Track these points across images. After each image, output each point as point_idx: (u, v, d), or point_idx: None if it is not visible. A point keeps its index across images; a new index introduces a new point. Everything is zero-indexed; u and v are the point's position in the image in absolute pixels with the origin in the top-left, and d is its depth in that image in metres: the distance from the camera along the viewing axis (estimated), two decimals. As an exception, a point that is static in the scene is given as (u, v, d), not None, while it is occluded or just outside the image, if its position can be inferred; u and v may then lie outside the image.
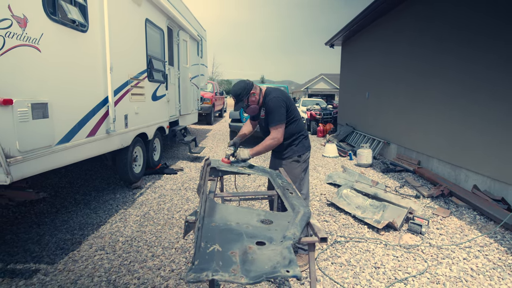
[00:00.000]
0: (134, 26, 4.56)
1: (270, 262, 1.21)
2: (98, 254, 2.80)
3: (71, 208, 3.85)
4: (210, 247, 1.29)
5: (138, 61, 4.74)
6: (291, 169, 2.74)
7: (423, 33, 5.97)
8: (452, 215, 3.88)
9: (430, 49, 5.70)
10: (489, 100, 4.30)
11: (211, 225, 1.54)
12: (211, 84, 14.50)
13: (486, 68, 4.32)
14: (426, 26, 5.88)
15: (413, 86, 6.29)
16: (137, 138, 4.77)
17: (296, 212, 1.72)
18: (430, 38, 5.72)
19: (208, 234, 1.42)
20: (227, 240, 1.38)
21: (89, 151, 3.47)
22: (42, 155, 2.68)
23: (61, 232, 3.20)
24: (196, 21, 8.76)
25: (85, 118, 3.35)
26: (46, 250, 2.84)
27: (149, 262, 2.69)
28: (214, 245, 1.31)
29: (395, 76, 7.12)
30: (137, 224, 3.46)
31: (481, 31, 4.39)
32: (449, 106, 5.14)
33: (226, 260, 1.22)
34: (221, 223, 1.58)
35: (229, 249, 1.31)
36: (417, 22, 6.20)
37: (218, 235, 1.43)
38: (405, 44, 6.66)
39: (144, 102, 4.97)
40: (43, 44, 2.67)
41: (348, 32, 9.73)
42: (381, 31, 8.01)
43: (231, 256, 1.26)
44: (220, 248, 1.30)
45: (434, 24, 5.60)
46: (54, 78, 2.85)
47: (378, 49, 8.25)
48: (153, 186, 4.81)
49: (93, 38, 3.46)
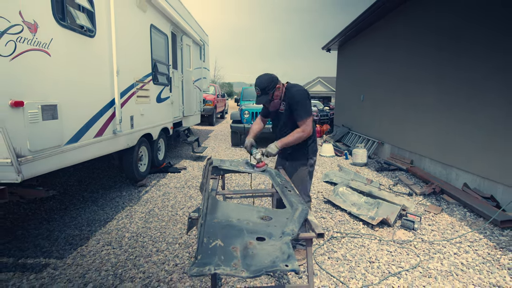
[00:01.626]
0: (139, 31, 4.56)
1: (269, 257, 1.22)
2: (105, 249, 2.80)
3: (79, 205, 3.85)
4: (213, 243, 1.30)
5: (144, 64, 4.73)
6: (298, 171, 2.61)
7: (416, 39, 5.97)
8: (443, 212, 3.88)
9: (423, 56, 5.70)
10: (479, 106, 4.30)
11: (213, 221, 1.54)
12: (213, 87, 14.49)
13: (482, 77, 4.30)
14: (419, 30, 5.88)
15: (407, 92, 6.29)
16: (143, 138, 4.77)
17: (294, 209, 1.73)
18: (424, 45, 5.72)
19: (210, 230, 1.42)
20: (228, 236, 1.38)
21: (97, 150, 3.47)
22: (51, 155, 2.68)
23: (69, 228, 3.21)
24: (198, 26, 8.76)
25: (93, 119, 3.35)
26: (55, 245, 2.84)
27: (153, 256, 2.69)
28: (216, 241, 1.31)
29: (389, 81, 7.12)
30: (143, 220, 3.46)
31: (478, 41, 4.38)
32: (444, 113, 5.13)
33: (228, 255, 1.22)
34: (223, 219, 1.58)
35: (231, 244, 1.31)
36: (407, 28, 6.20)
37: (220, 231, 1.43)
38: (401, 51, 6.66)
39: (149, 104, 4.97)
40: (53, 49, 2.67)
41: (344, 37, 9.73)
42: (377, 36, 8.01)
43: (232, 251, 1.26)
44: (222, 243, 1.30)
45: (429, 29, 5.60)
46: (63, 81, 2.85)
47: (373, 54, 8.24)
48: (158, 184, 4.81)
49: (100, 42, 3.46)
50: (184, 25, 6.62)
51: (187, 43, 7.09)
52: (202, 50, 9.12)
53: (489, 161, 4.10)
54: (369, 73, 8.38)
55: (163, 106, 5.67)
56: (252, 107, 8.48)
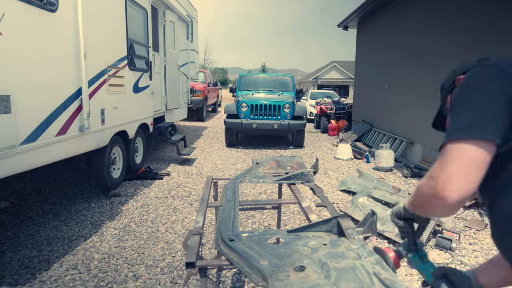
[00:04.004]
0: (112, 5, 4.56)
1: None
2: (70, 273, 2.80)
3: (38, 220, 3.84)
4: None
5: (117, 46, 4.74)
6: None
7: (455, 10, 5.97)
8: (488, 228, 3.89)
9: (462, 30, 5.70)
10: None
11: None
12: (203, 73, 14.52)
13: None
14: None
15: (442, 75, 6.30)
16: (116, 137, 4.77)
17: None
18: (464, 16, 5.72)
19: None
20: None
21: (59, 152, 3.47)
22: (3, 157, 2.67)
23: (26, 248, 3.20)
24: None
25: (54, 113, 3.35)
26: (8, 269, 2.84)
27: (130, 283, 2.69)
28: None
29: (420, 63, 7.12)
30: (116, 238, 3.46)
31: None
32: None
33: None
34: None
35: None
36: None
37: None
38: (428, 26, 6.66)
39: (124, 94, 4.97)
40: (5, 26, 2.66)
41: (364, 12, 9.74)
42: (410, 6, 8.01)
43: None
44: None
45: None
46: (17, 66, 2.84)
47: (400, 31, 8.25)
48: (135, 194, 4.81)
49: (63, 18, 3.46)
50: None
51: (171, 20, 7.09)
52: (190, 28, 9.13)
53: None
54: (397, 54, 8.38)
55: (142, 97, 5.67)
56: (251, 99, 8.49)
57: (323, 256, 1.18)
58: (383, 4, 8.92)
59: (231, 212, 1.69)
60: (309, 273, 1.10)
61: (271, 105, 8.30)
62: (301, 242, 1.35)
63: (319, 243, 1.32)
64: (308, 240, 1.37)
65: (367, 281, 1.01)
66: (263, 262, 1.17)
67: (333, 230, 1.46)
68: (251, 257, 1.21)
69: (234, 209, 1.76)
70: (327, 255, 1.20)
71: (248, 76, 10.76)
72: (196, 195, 4.79)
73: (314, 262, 1.17)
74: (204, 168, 6.34)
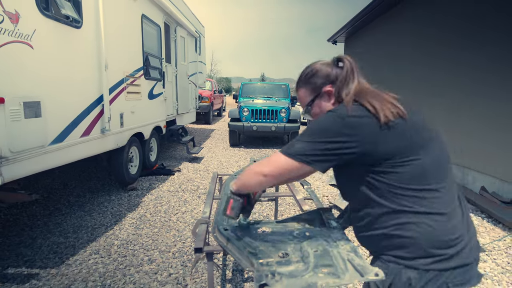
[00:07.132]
0: (129, 22, 4.56)
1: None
2: (93, 258, 2.80)
3: (65, 211, 3.85)
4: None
5: (134, 58, 4.74)
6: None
7: (438, 28, 5.97)
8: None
9: (436, 54, 5.70)
10: (502, 103, 4.30)
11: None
12: (209, 82, 14.48)
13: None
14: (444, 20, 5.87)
15: (417, 92, 6.29)
16: (133, 138, 4.77)
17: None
18: (444, 34, 5.71)
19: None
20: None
21: (83, 151, 3.47)
22: (34, 156, 2.68)
23: (54, 235, 3.21)
24: (194, 17, 8.76)
25: (79, 117, 3.35)
26: (38, 254, 2.84)
27: (145, 266, 2.69)
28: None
29: (402, 74, 7.11)
30: (133, 227, 3.46)
31: None
32: (455, 112, 5.13)
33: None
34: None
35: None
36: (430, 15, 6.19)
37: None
38: (416, 39, 6.66)
39: (140, 101, 4.97)
40: (36, 41, 2.67)
41: (352, 28, 9.72)
42: (388, 25, 8.00)
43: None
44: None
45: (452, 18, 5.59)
46: (47, 75, 2.85)
47: (385, 47, 8.24)
48: (150, 188, 4.81)
49: (87, 34, 3.46)
50: (178, 15, 6.62)
51: (181, 35, 7.09)
52: (198, 42, 9.12)
53: (510, 162, 4.09)
54: (381, 68, 8.37)
55: (156, 103, 5.67)
56: (251, 104, 8.48)
57: (305, 244, 1.19)
58: (370, 20, 8.89)
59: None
60: (291, 259, 1.11)
61: (269, 110, 8.31)
62: (287, 231, 1.36)
63: (303, 233, 1.33)
64: (293, 229, 1.38)
65: (342, 266, 1.04)
66: (251, 249, 1.17)
67: (316, 221, 1.47)
68: (241, 245, 1.22)
69: None
70: (308, 243, 1.20)
71: (249, 84, 10.74)
72: (203, 189, 4.79)
73: (296, 249, 1.18)
74: (210, 165, 6.34)
